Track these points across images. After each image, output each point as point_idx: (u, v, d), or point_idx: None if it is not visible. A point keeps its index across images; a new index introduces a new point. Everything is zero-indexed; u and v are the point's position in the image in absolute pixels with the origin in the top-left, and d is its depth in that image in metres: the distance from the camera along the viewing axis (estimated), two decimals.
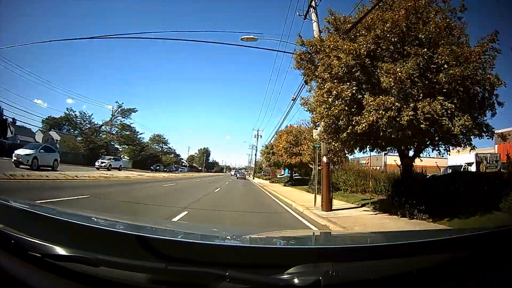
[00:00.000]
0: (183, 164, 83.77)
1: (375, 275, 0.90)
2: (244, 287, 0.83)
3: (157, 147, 61.08)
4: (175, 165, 64.92)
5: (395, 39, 5.95)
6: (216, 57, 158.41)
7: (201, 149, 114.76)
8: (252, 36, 11.52)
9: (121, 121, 45.71)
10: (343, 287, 0.88)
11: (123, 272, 0.86)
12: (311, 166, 20.44)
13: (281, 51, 15.31)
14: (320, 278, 0.82)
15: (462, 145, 6.84)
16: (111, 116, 44.73)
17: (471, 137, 6.58)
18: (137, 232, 1.08)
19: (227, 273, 0.82)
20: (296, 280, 0.83)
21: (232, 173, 70.22)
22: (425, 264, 1.01)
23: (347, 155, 15.51)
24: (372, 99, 5.72)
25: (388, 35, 5.93)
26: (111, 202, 8.19)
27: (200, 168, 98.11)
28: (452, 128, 5.58)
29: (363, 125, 5.75)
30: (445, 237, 1.53)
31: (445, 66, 5.67)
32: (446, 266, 1.04)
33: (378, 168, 19.85)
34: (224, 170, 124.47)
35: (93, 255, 0.87)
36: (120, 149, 49.76)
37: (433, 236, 1.70)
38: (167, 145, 64.08)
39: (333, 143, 7.28)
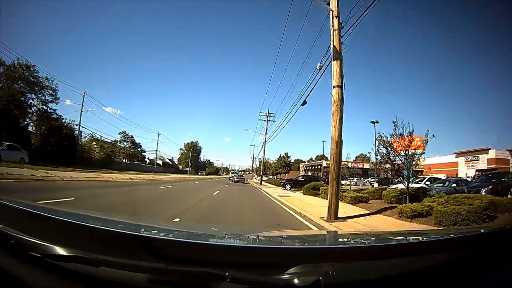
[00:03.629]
0: (144, 160, 59.10)
1: (375, 275, 0.91)
2: (244, 287, 0.83)
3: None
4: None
5: None
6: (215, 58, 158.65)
7: (187, 143, 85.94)
8: None
9: None
10: (343, 287, 0.88)
11: (123, 272, 0.86)
12: None
13: None
14: (320, 278, 0.82)
15: None
16: None
17: None
18: (137, 232, 1.08)
19: (227, 273, 0.82)
20: (296, 280, 0.83)
21: (230, 175, 58.68)
22: (425, 264, 1.01)
23: None
24: None
25: None
26: None
27: (186, 168, 75.31)
28: None
29: None
30: (445, 237, 1.53)
31: None
32: (446, 266, 1.04)
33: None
34: (220, 172, 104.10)
35: (93, 255, 0.87)
36: None
37: (433, 236, 1.70)
38: (53, 95, 27.22)
39: None
